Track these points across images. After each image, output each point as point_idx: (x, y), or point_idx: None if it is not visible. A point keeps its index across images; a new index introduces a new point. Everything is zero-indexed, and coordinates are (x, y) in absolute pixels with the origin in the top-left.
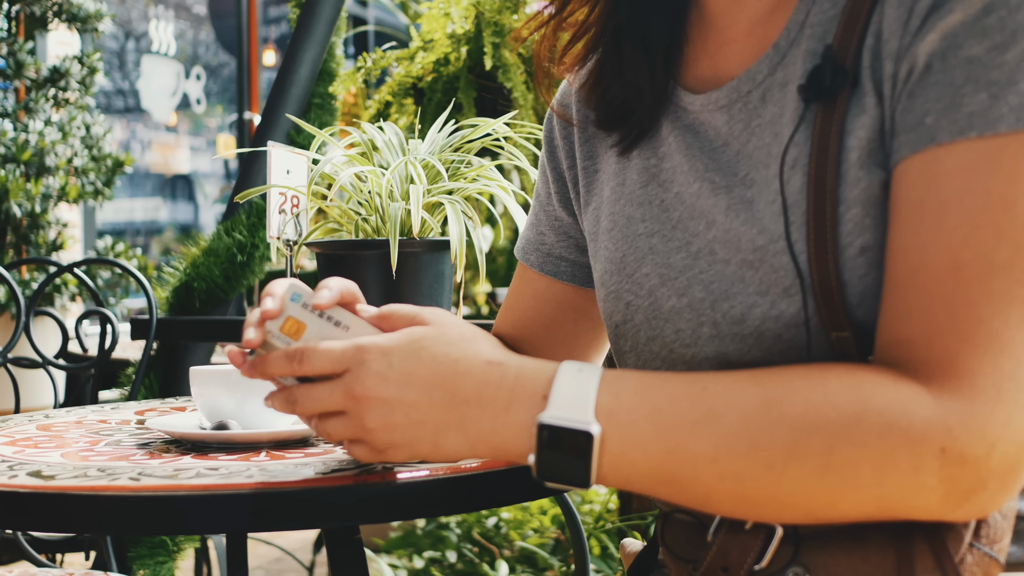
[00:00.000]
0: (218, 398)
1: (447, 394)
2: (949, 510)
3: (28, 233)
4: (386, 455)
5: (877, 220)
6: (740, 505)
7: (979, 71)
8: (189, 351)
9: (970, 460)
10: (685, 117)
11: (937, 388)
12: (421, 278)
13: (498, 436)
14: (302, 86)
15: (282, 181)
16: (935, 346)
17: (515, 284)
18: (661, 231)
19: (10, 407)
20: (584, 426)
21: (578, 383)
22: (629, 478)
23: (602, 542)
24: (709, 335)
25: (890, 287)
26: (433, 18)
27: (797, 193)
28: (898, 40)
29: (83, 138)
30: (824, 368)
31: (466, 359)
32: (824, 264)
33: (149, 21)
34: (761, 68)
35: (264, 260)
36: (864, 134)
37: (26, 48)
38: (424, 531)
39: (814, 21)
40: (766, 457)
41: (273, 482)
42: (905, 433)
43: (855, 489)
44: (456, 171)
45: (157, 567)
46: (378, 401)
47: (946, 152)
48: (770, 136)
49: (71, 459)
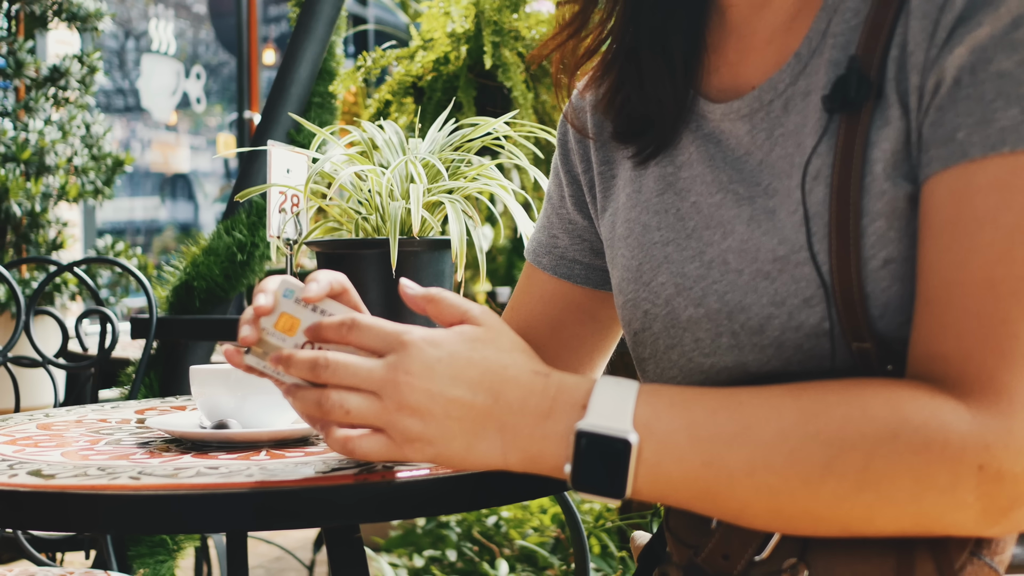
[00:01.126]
0: (218, 397)
1: (492, 397)
2: (986, 526)
3: (28, 232)
4: (409, 448)
5: (901, 232)
6: (776, 519)
7: (1010, 86)
8: (189, 350)
9: (1008, 477)
10: (705, 126)
11: (974, 404)
12: (421, 277)
13: (535, 445)
14: (302, 85)
15: (282, 180)
16: (971, 362)
17: (523, 285)
18: (676, 240)
19: (10, 406)
20: (622, 434)
21: (616, 393)
22: (664, 491)
23: (602, 541)
24: (728, 345)
25: (923, 303)
26: (433, 17)
27: (819, 204)
28: (924, 52)
29: (83, 137)
30: (861, 383)
31: (516, 366)
32: (847, 276)
33: (149, 20)
34: (783, 77)
35: (264, 259)
36: (889, 146)
37: (26, 47)
38: (424, 530)
39: (836, 31)
40: (803, 471)
41: (273, 481)
42: (943, 449)
43: (892, 504)
44: (456, 170)
45: (157, 566)
46: (420, 390)
47: (978, 168)
48: (793, 146)
49: (71, 458)
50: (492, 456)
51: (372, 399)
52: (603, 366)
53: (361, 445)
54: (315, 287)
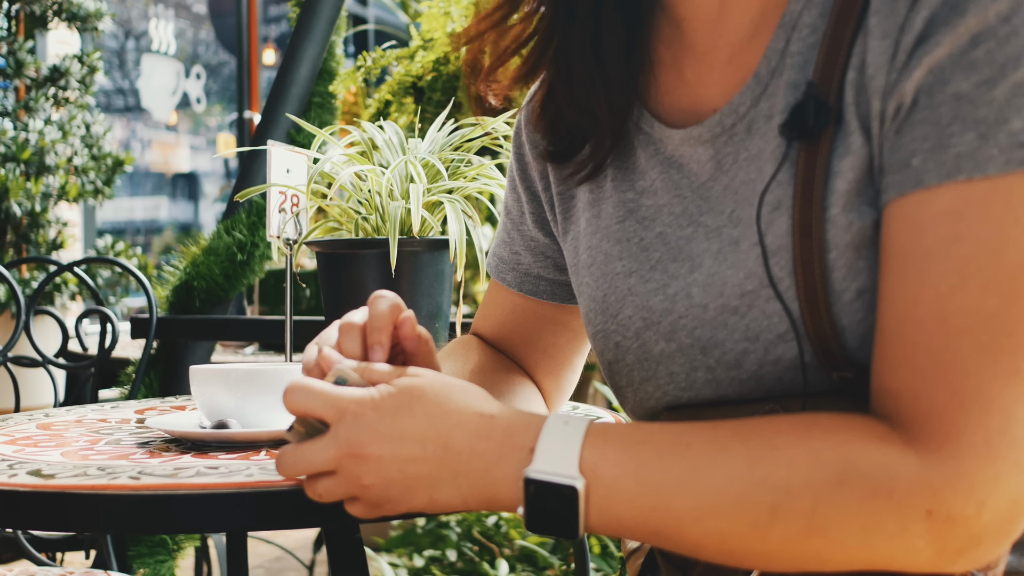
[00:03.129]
0: (218, 397)
1: (440, 448)
2: (943, 566)
3: (28, 232)
4: (382, 510)
5: (871, 261)
6: (729, 558)
7: (967, 109)
8: (189, 350)
9: (959, 520)
10: (664, 150)
11: (923, 447)
12: (421, 277)
13: (490, 489)
14: (302, 85)
15: (282, 180)
16: (922, 401)
17: (492, 296)
18: (639, 271)
19: (10, 406)
20: (569, 481)
21: (564, 437)
22: (617, 530)
23: (602, 541)
24: (705, 379)
25: (879, 335)
26: (433, 17)
27: (784, 237)
28: (884, 76)
29: (83, 137)
30: (811, 423)
31: (458, 412)
32: (816, 311)
33: (149, 20)
34: (744, 100)
35: (264, 259)
36: (852, 175)
37: (26, 47)
38: (424, 530)
39: (794, 50)
40: (750, 517)
41: (273, 481)
42: (889, 496)
43: (842, 550)
44: (456, 170)
45: (157, 566)
46: (373, 459)
47: (932, 196)
48: (755, 171)
49: (71, 458)
50: (453, 502)
51: (336, 478)
52: (582, 363)
53: (350, 511)
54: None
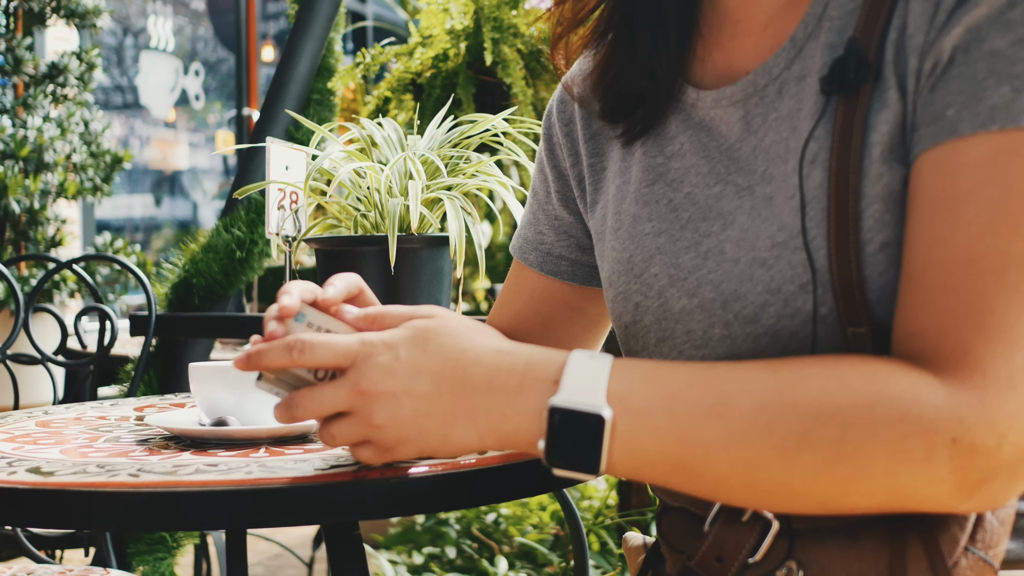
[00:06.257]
0: (217, 394)
1: (456, 383)
2: (959, 501)
3: (27, 229)
4: (394, 453)
5: (897, 217)
6: (751, 494)
7: (1002, 64)
8: (188, 347)
9: (981, 450)
10: (695, 115)
11: (949, 378)
12: (420, 274)
13: (508, 423)
14: (301, 82)
15: (281, 177)
16: (948, 337)
17: (511, 282)
18: (669, 231)
19: (9, 403)
20: (595, 409)
21: (589, 368)
22: (640, 465)
23: (601, 538)
24: (720, 336)
25: (906, 280)
26: (432, 14)
27: (817, 188)
28: (924, 35)
29: (82, 134)
30: (839, 358)
31: (474, 348)
32: (845, 259)
33: (147, 17)
34: (778, 61)
35: (263, 256)
36: (887, 129)
37: (24, 44)
38: (424, 527)
39: (833, 14)
40: (779, 444)
41: (272, 478)
42: (917, 422)
43: (867, 478)
44: (455, 167)
45: (157, 563)
46: (386, 395)
47: (966, 145)
48: (788, 130)
49: (70, 455)
50: (469, 441)
51: (349, 419)
52: None
53: (357, 454)
54: (332, 291)
